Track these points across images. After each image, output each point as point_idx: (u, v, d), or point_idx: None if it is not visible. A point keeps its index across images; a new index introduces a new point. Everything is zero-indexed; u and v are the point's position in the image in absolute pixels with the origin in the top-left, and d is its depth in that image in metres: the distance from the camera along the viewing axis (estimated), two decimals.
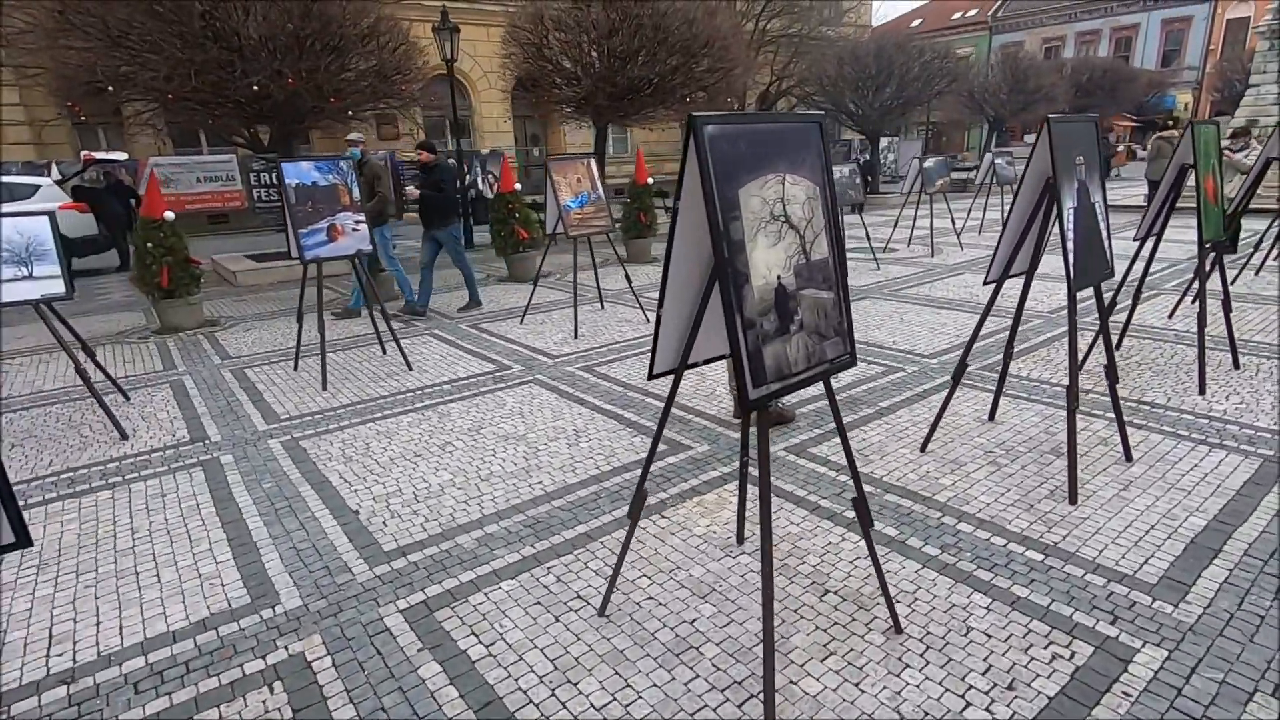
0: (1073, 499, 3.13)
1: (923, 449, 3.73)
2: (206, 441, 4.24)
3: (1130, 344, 5.47)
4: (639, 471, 3.59)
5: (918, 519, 3.06)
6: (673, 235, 1.92)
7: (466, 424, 4.37)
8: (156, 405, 4.94)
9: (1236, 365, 4.82)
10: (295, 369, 5.67)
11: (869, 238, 10.20)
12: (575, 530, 3.08)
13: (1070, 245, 3.07)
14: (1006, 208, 12.52)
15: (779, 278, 1.95)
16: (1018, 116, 24.00)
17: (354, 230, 5.32)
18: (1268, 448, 3.60)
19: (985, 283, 3.42)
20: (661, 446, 3.90)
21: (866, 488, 3.34)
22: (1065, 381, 4.67)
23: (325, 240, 5.20)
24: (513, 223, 9.22)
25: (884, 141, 28.35)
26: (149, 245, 6.94)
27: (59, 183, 11.78)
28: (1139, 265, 4.88)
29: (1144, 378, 4.73)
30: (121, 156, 12.96)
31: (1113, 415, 3.99)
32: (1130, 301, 5.17)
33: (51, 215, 4.32)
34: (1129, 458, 3.52)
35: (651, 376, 2.13)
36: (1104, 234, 3.34)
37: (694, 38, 12.20)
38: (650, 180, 10.57)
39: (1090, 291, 3.71)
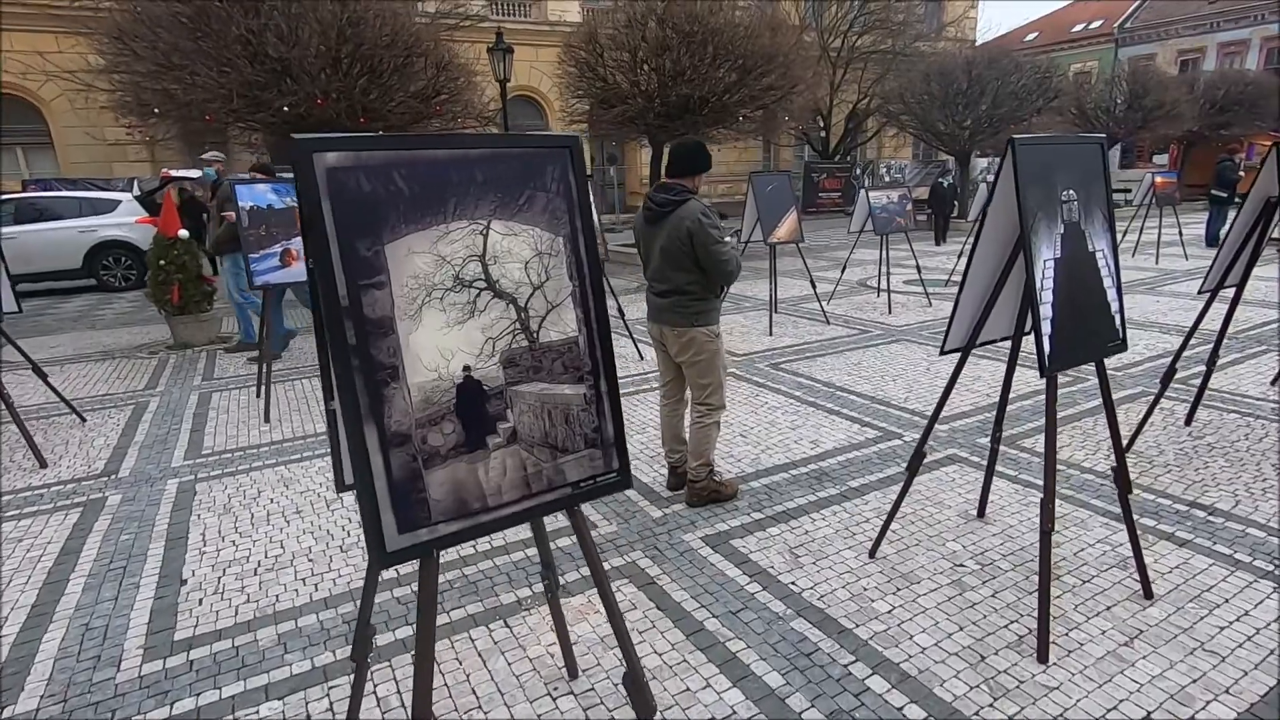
0: (1042, 655, 2.29)
1: (871, 554, 2.95)
2: (112, 477, 4.03)
3: (1208, 418, 4.37)
4: (530, 550, 3.02)
5: (818, 663, 2.32)
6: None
7: None
8: (103, 430, 4.82)
9: None
10: (258, 395, 5.47)
11: (919, 269, 9.12)
12: (394, 635, 2.54)
13: (1047, 310, 2.27)
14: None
15: (466, 369, 1.36)
16: (1137, 135, 21.63)
17: None
18: None
19: (943, 352, 2.64)
20: (561, 522, 3.31)
21: (777, 606, 2.63)
22: (1102, 466, 3.72)
23: (278, 265, 4.97)
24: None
25: (983, 162, 26.42)
26: (161, 263, 7.05)
27: (139, 198, 12.54)
28: (1204, 324, 3.85)
29: (1211, 468, 3.69)
30: (196, 174, 13.72)
31: (1155, 522, 3.07)
32: (1205, 366, 4.10)
33: None
34: (1148, 593, 2.61)
35: (342, 489, 1.58)
36: (1110, 294, 2.49)
37: (750, 54, 11.55)
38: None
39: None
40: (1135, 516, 3.16)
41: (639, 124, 12.35)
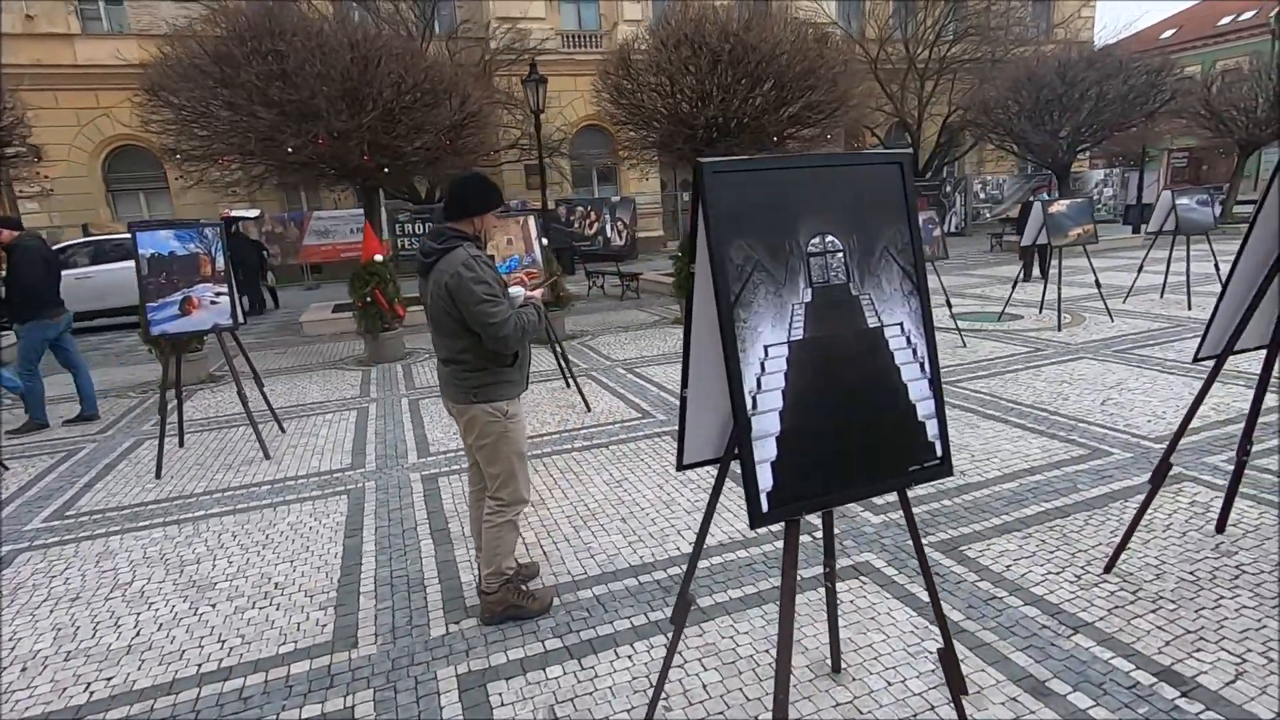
0: None
1: None
2: None
3: (1255, 520, 3.18)
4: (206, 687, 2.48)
5: None
6: None
7: (184, 555, 3.54)
8: (16, 479, 4.79)
9: None
10: (181, 445, 5.31)
11: (950, 303, 7.73)
12: None
13: (769, 424, 1.48)
14: (1190, 262, 9.00)
15: None
16: None
17: (212, 303, 4.85)
18: None
19: (679, 468, 1.87)
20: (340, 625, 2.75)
21: None
22: (1059, 594, 2.70)
23: (177, 314, 4.78)
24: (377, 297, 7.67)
25: (1098, 174, 23.77)
26: None
27: None
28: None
29: (1224, 608, 2.58)
30: (253, 213, 14.52)
31: (1091, 701, 2.11)
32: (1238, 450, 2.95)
33: None
34: None
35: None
36: (915, 389, 1.65)
37: (785, 71, 10.70)
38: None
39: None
40: (1070, 688, 2.18)
41: (670, 149, 11.78)
